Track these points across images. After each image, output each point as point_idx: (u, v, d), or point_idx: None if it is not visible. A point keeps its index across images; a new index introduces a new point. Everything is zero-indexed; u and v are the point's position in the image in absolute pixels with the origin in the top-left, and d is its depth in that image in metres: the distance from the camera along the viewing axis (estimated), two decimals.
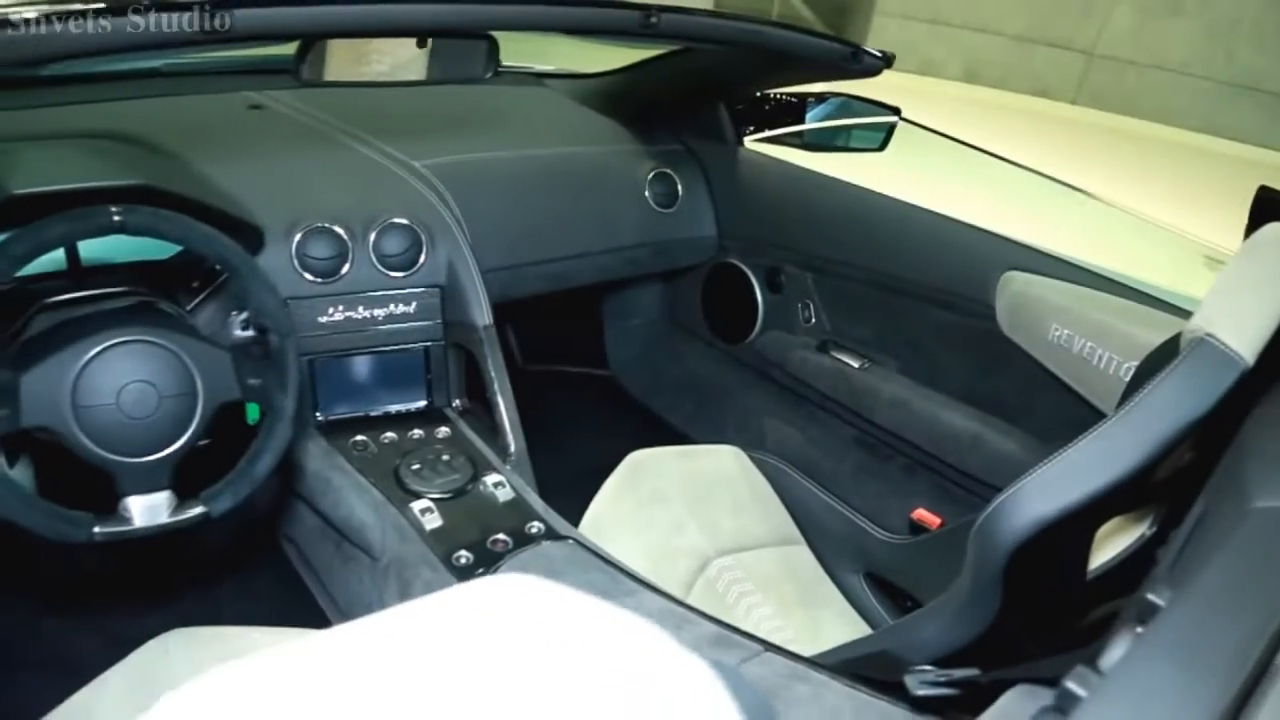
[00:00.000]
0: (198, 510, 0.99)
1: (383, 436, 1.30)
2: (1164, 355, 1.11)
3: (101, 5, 0.72)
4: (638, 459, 1.49)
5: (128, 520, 0.96)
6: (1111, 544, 0.95)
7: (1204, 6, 6.50)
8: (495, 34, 1.05)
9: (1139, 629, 0.51)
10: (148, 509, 0.97)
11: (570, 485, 1.39)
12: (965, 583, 0.91)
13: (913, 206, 1.58)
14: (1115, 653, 0.49)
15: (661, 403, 1.99)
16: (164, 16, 0.75)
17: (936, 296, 1.51)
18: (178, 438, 0.97)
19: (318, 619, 1.38)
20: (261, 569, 1.50)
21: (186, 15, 0.76)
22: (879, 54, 1.27)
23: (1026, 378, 1.39)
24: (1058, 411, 1.37)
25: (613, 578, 1.06)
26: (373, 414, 1.35)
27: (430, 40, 1.05)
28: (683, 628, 0.98)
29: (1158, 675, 0.44)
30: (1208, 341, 0.71)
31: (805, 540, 1.52)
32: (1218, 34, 6.48)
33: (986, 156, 2.71)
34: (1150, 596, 0.54)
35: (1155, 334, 1.19)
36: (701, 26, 1.14)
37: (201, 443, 1.02)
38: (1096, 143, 5.92)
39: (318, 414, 1.32)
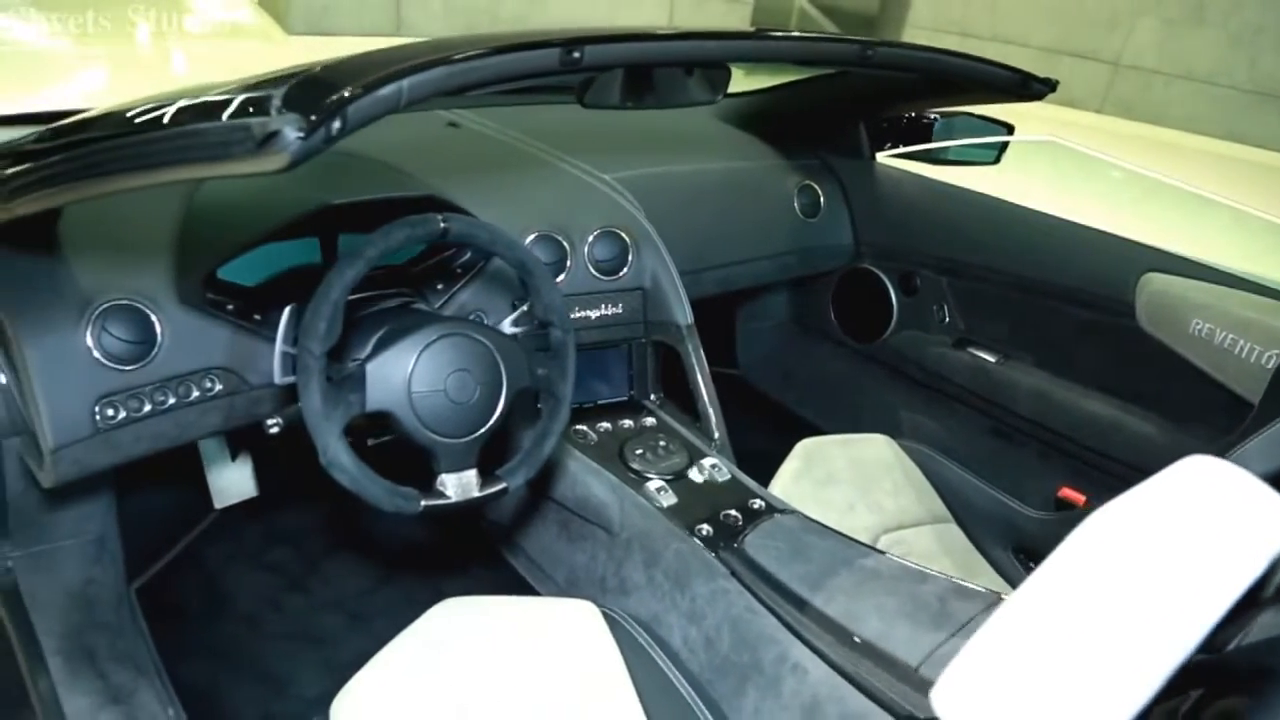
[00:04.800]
0: (500, 486, 1.12)
1: (598, 425, 1.44)
2: None
3: (500, 45, 0.87)
4: (808, 446, 1.64)
5: (445, 495, 1.09)
6: None
7: (1227, 16, 6.69)
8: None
9: None
10: (460, 485, 1.09)
11: None
12: None
13: (1046, 215, 1.74)
14: None
15: (793, 398, 2.14)
16: (538, 53, 0.90)
17: (1074, 296, 1.65)
18: (486, 421, 1.10)
19: (528, 593, 1.52)
20: (466, 551, 1.64)
21: (555, 51, 0.91)
22: (1045, 80, 1.42)
23: (1163, 369, 1.53)
24: (1195, 399, 1.51)
25: (847, 544, 1.20)
26: (585, 405, 1.49)
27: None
28: (925, 581, 1.11)
29: None
30: None
31: (955, 519, 1.67)
32: (1241, 42, 6.66)
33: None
34: None
35: None
36: (904, 57, 1.29)
37: None
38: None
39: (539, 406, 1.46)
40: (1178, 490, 0.43)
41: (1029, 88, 1.41)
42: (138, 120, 0.80)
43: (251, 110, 0.72)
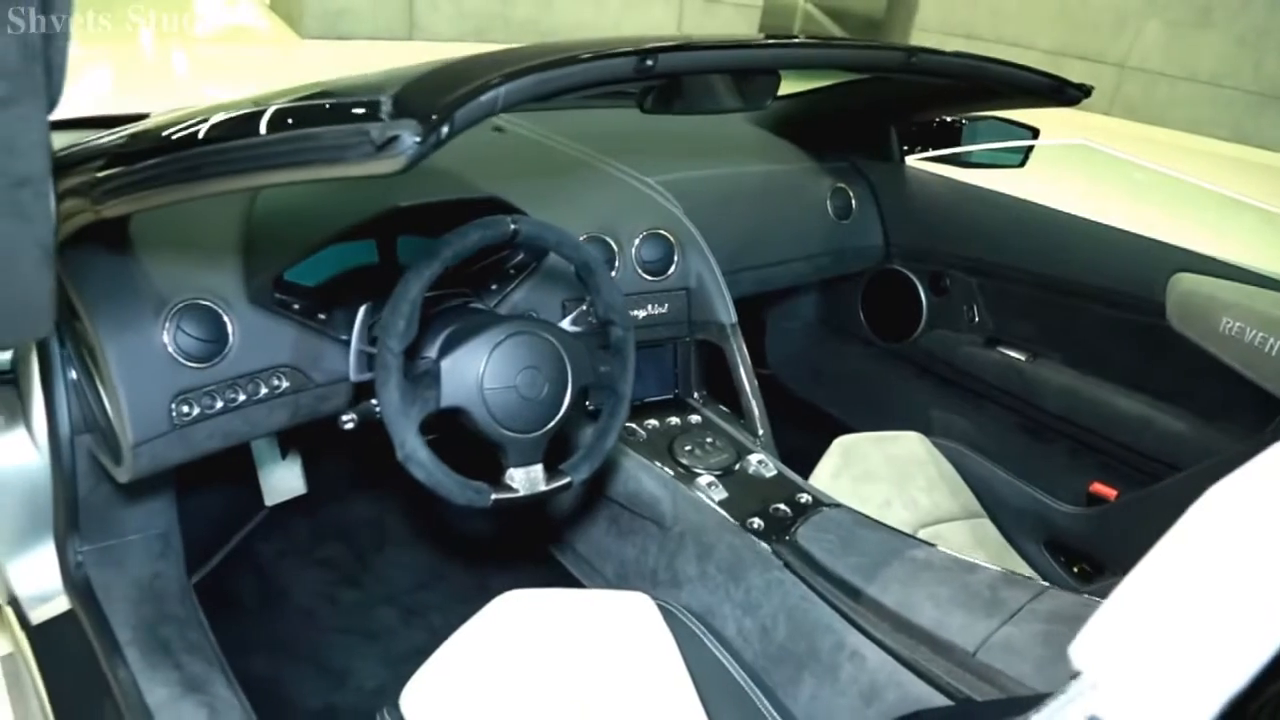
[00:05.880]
0: (565, 480, 1.16)
1: (646, 422, 1.48)
2: None
3: (582, 53, 0.91)
4: (845, 443, 1.68)
5: (514, 489, 1.12)
6: None
7: (1233, 18, 6.74)
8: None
9: None
10: (528, 479, 1.13)
11: None
12: None
13: (1075, 216, 1.78)
14: None
15: (823, 397, 2.18)
16: (617, 60, 0.94)
17: (1104, 296, 1.69)
18: (553, 417, 1.13)
19: (577, 587, 1.55)
20: (513, 547, 1.68)
21: (630, 59, 0.95)
22: (1080, 85, 1.46)
23: (1192, 366, 1.57)
24: (1225, 396, 1.55)
25: (896, 536, 1.23)
26: (632, 403, 1.53)
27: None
28: (974, 571, 1.15)
29: None
30: None
31: (988, 515, 1.71)
32: (1246, 45, 6.71)
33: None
34: None
35: None
36: (946, 64, 1.32)
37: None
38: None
39: (588, 404, 1.49)
40: None
41: (1064, 93, 1.45)
42: (243, 124, 0.84)
43: (361, 115, 0.76)
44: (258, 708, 1.19)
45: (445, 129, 0.74)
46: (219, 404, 1.13)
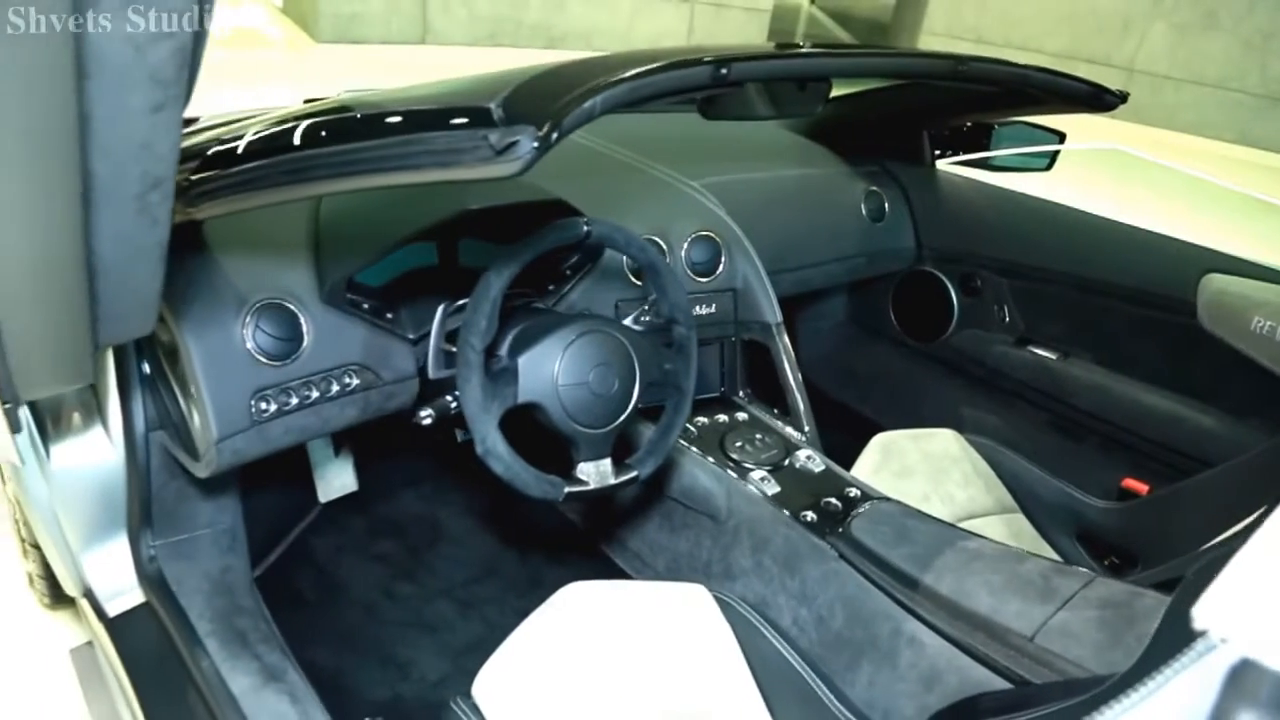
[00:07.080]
0: (632, 474, 1.20)
1: (696, 420, 1.52)
2: None
3: (665, 63, 0.95)
4: (883, 440, 1.71)
5: (584, 482, 1.16)
6: None
7: (1238, 21, 6.80)
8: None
9: None
10: (598, 472, 1.16)
11: None
12: None
13: (1105, 219, 1.82)
14: None
15: (853, 395, 2.22)
16: (696, 69, 0.99)
17: (1135, 296, 1.73)
18: (622, 412, 1.17)
19: (626, 579, 1.59)
20: (561, 542, 1.72)
21: (707, 68, 0.99)
22: (1117, 92, 1.50)
23: (1222, 364, 1.61)
24: (1255, 393, 1.59)
25: (946, 527, 1.27)
26: None
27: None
28: (1024, 561, 1.19)
29: None
30: None
31: (1021, 510, 1.75)
32: (1252, 48, 6.77)
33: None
34: None
35: None
36: (991, 71, 1.37)
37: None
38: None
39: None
40: None
41: (1102, 99, 1.49)
42: (353, 127, 0.88)
43: (474, 121, 0.80)
44: (326, 698, 1.23)
45: (554, 135, 0.78)
46: (294, 401, 1.16)
